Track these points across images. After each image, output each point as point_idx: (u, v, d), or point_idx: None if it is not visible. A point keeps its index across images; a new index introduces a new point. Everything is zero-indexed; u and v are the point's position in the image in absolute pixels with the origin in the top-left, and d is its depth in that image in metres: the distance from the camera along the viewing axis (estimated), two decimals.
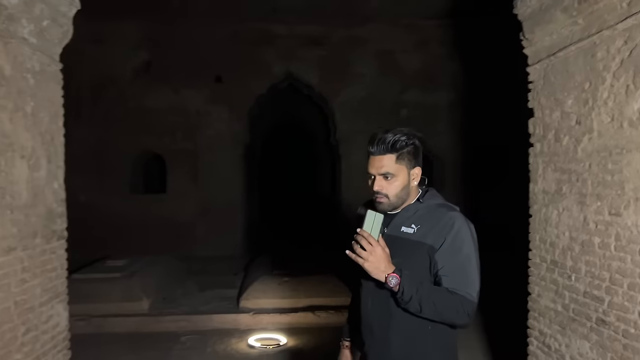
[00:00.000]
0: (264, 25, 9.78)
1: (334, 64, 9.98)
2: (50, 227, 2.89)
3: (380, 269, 1.65)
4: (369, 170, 1.83)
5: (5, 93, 2.44)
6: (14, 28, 2.52)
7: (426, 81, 10.01)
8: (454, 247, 1.77)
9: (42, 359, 2.77)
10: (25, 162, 2.62)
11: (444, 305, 1.69)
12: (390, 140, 1.79)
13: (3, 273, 2.42)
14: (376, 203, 1.83)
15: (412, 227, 1.83)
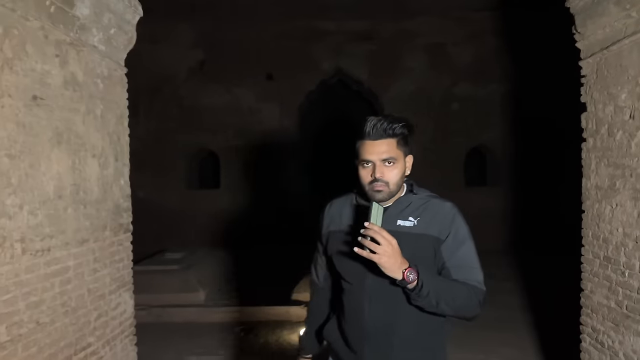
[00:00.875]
0: (313, 22, 9.88)
1: (384, 58, 9.97)
2: (118, 221, 3.12)
3: (397, 264, 1.52)
4: (366, 157, 1.68)
5: (78, 97, 2.66)
6: (85, 37, 2.73)
7: (478, 74, 9.83)
8: (458, 238, 1.72)
9: (112, 343, 3.00)
10: (95, 161, 2.84)
11: (461, 297, 1.62)
12: (390, 124, 1.68)
13: (77, 263, 2.64)
14: (373, 192, 1.68)
15: (411, 220, 1.72)
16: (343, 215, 1.86)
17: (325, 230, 1.91)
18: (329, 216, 1.91)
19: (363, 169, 1.71)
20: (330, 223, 1.89)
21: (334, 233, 1.86)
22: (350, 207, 1.86)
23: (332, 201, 1.96)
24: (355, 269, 1.72)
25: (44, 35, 2.38)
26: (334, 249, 1.83)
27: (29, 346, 2.25)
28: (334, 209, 1.91)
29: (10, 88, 2.14)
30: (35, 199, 2.30)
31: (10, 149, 2.14)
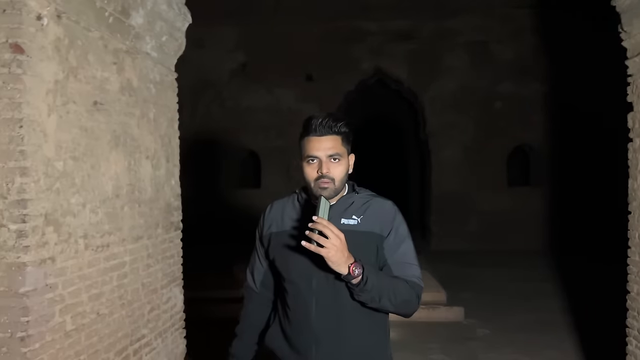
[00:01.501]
0: (354, 23, 9.94)
1: (424, 57, 9.94)
2: (169, 219, 3.27)
3: (343, 258, 1.51)
4: (311, 153, 1.66)
5: (134, 102, 2.82)
6: (140, 44, 2.89)
7: (521, 72, 9.67)
8: (399, 235, 1.74)
9: (163, 335, 3.16)
10: (149, 162, 2.99)
11: (402, 293, 1.64)
12: (335, 121, 1.68)
13: (133, 258, 2.80)
14: (319, 189, 1.66)
15: (354, 219, 1.73)
16: (285, 215, 1.83)
17: (266, 232, 1.87)
18: (269, 218, 1.87)
19: (308, 165, 1.69)
20: (271, 225, 1.85)
21: (276, 234, 1.82)
22: (292, 208, 1.84)
23: (272, 203, 1.92)
24: (301, 268, 1.71)
25: (103, 45, 2.54)
26: (277, 250, 1.80)
27: (90, 335, 2.41)
28: (275, 210, 1.87)
29: (75, 95, 2.30)
30: (96, 198, 2.46)
31: (75, 151, 2.30)
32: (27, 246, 1.99)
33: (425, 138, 10.41)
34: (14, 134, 1.98)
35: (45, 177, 2.09)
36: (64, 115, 2.22)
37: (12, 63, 1.97)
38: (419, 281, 1.71)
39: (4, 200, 1.98)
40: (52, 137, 2.14)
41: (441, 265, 8.02)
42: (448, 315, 5.77)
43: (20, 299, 1.99)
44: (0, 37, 1.98)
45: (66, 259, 2.23)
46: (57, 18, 2.18)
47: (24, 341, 1.99)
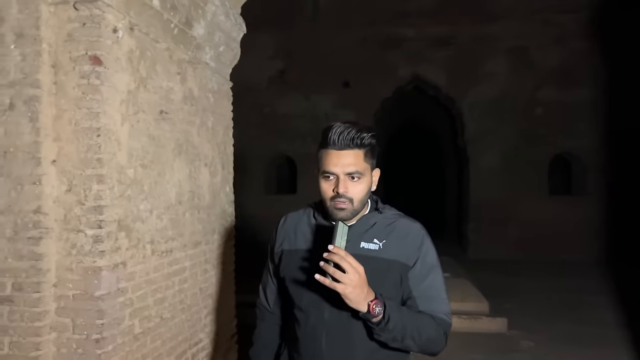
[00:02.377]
0: (392, 29, 9.95)
1: (462, 63, 9.86)
2: (224, 225, 3.33)
3: (362, 295, 1.33)
4: (329, 169, 1.48)
5: (194, 111, 2.89)
6: (200, 55, 2.96)
7: (564, 78, 9.48)
8: (426, 265, 1.54)
9: (218, 340, 3.21)
10: (207, 169, 3.06)
11: (428, 332, 1.46)
12: (358, 132, 1.47)
13: (192, 263, 2.86)
14: (335, 210, 1.48)
15: (376, 243, 1.53)
16: (298, 232, 1.65)
17: (278, 249, 1.69)
18: (282, 232, 1.70)
19: (325, 181, 1.50)
20: (283, 240, 1.68)
21: (288, 252, 1.65)
22: (307, 224, 1.65)
23: (287, 215, 1.74)
24: (312, 297, 1.54)
25: (169, 55, 2.62)
26: (287, 271, 1.63)
27: (155, 339, 2.47)
28: (288, 225, 1.70)
29: (144, 104, 2.38)
30: (161, 205, 2.53)
31: (143, 159, 2.37)
32: (103, 251, 2.06)
33: (463, 145, 10.30)
34: (91, 143, 2.05)
35: (118, 184, 2.16)
36: (134, 124, 2.29)
37: (91, 74, 2.05)
38: (447, 317, 1.53)
39: (82, 206, 2.05)
40: (125, 145, 2.22)
41: (481, 274, 7.91)
42: (491, 326, 5.68)
43: (95, 302, 2.06)
44: (80, 49, 2.06)
45: (135, 264, 2.30)
46: (130, 30, 2.26)
47: (98, 343, 2.06)
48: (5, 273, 2.03)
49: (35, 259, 2.02)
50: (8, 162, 2.03)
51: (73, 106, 2.06)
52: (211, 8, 2.90)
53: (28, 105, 2.01)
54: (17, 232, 2.03)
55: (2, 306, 2.03)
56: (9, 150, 2.03)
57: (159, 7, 2.42)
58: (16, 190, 2.03)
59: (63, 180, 2.07)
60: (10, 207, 2.03)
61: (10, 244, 2.03)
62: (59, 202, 2.07)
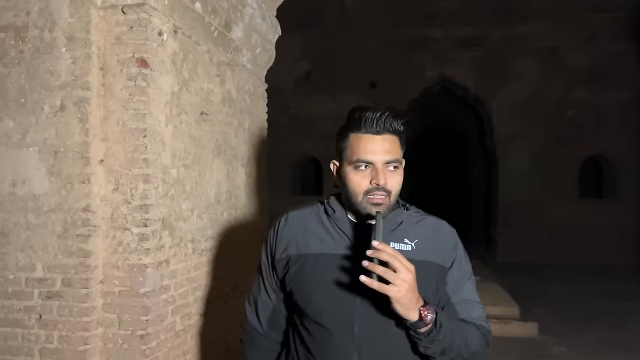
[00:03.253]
0: (419, 30, 9.91)
1: (491, 64, 9.76)
2: (257, 225, 3.37)
3: (414, 300, 1.15)
4: (364, 156, 1.26)
5: (232, 112, 2.94)
6: (237, 57, 3.01)
7: (596, 79, 9.30)
8: (462, 267, 1.38)
9: None
10: (243, 170, 3.11)
11: (474, 342, 1.30)
12: (395, 117, 1.28)
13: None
14: (370, 205, 1.27)
15: (407, 243, 1.33)
16: (309, 233, 1.38)
17: (281, 255, 1.40)
18: (285, 235, 1.41)
19: (357, 171, 1.28)
20: (288, 245, 1.39)
21: (297, 258, 1.37)
22: (319, 224, 1.39)
23: (287, 215, 1.46)
24: (337, 308, 1.30)
25: (209, 58, 2.67)
26: (298, 280, 1.36)
27: (195, 336, 2.52)
28: (293, 225, 1.42)
29: (186, 106, 2.43)
30: (202, 204, 2.58)
31: (185, 159, 2.42)
32: (148, 249, 2.12)
33: (492, 146, 10.18)
34: (138, 143, 2.11)
35: (162, 184, 2.21)
36: (178, 125, 2.35)
37: (138, 77, 2.11)
38: (487, 324, 1.37)
39: (128, 205, 2.11)
40: (169, 146, 2.27)
41: (510, 278, 7.81)
42: (521, 330, 5.61)
43: (140, 298, 2.11)
44: (127, 52, 2.12)
45: (177, 262, 2.35)
46: (174, 33, 2.31)
47: (143, 339, 2.11)
48: (56, 269, 2.10)
49: (83, 256, 2.08)
50: (58, 161, 2.10)
51: (120, 107, 2.12)
52: (249, 11, 2.95)
53: (78, 107, 2.08)
54: (66, 230, 2.09)
55: (52, 301, 2.09)
56: (60, 150, 2.10)
57: (201, 10, 2.47)
58: (66, 188, 2.09)
59: (110, 179, 2.13)
60: (61, 205, 2.09)
61: (60, 240, 2.09)
62: (106, 200, 2.13)
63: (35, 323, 2.11)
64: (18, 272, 2.12)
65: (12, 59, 2.13)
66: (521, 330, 5.58)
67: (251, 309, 1.53)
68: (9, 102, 2.13)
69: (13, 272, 2.12)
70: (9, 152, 2.13)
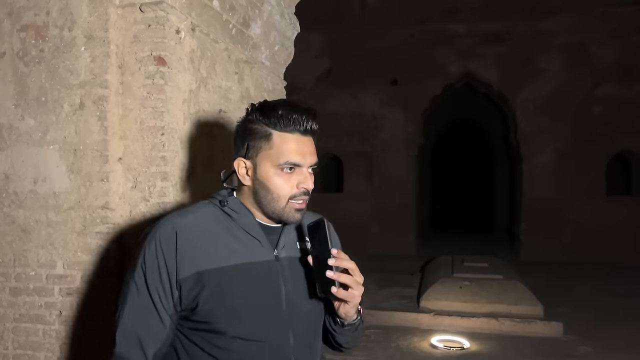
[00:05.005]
0: (442, 26, 9.80)
1: (515, 60, 9.59)
2: None
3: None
4: (293, 159, 1.19)
5: None
6: (256, 54, 3.00)
7: (624, 74, 9.07)
8: None
9: None
10: None
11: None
12: (314, 116, 1.24)
13: None
14: (293, 212, 1.22)
15: (307, 241, 1.27)
16: (219, 242, 1.22)
17: (186, 273, 1.18)
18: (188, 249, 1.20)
19: (282, 174, 1.20)
20: (193, 260, 1.19)
21: (211, 273, 1.18)
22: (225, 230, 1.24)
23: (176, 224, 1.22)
24: (269, 319, 1.22)
25: (227, 55, 2.66)
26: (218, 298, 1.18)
27: None
28: (194, 236, 1.21)
29: (204, 104, 2.43)
30: None
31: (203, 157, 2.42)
32: None
33: (516, 143, 10.02)
34: (156, 141, 2.11)
35: (180, 182, 2.22)
36: (195, 123, 2.35)
37: (156, 75, 2.11)
38: None
39: (147, 202, 2.12)
40: (186, 144, 2.27)
41: (534, 276, 7.67)
42: (545, 330, 5.51)
43: None
44: (145, 50, 2.13)
45: None
46: (191, 31, 2.31)
47: None
48: (75, 266, 2.12)
49: (102, 253, 2.10)
50: (78, 159, 2.12)
51: (138, 105, 2.13)
52: (267, 8, 2.93)
53: (97, 105, 2.09)
54: (86, 227, 2.11)
55: (72, 298, 2.12)
56: (79, 148, 2.12)
57: (219, 7, 2.46)
58: (85, 186, 2.11)
59: (129, 177, 2.14)
60: (80, 203, 2.12)
61: (80, 238, 2.12)
62: (124, 198, 2.14)
63: (55, 319, 2.13)
64: (39, 268, 2.15)
65: (32, 58, 2.16)
66: (545, 330, 5.49)
67: (130, 343, 1.21)
68: (30, 100, 2.16)
69: (34, 269, 2.16)
70: (30, 150, 2.16)
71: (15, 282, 2.18)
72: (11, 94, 2.18)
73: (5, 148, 2.19)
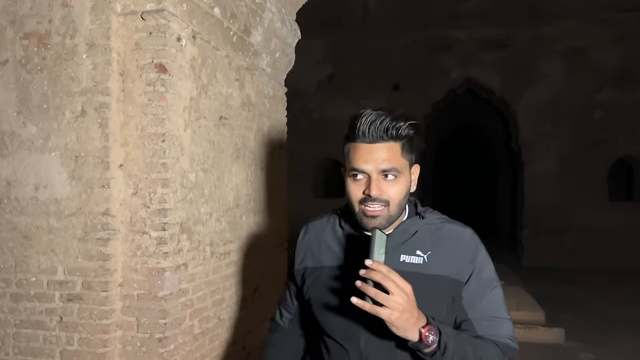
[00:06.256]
0: (443, 32, 9.81)
1: (517, 65, 9.59)
2: (277, 228, 3.38)
3: (412, 321, 1.08)
4: (359, 165, 1.21)
5: (252, 116, 2.95)
6: (257, 61, 3.02)
7: (625, 79, 9.06)
8: (483, 280, 1.27)
9: None
10: (263, 173, 3.12)
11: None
12: (394, 121, 1.21)
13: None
14: (365, 218, 1.23)
15: (419, 255, 1.26)
16: (322, 246, 1.38)
17: (299, 266, 1.42)
18: (303, 247, 1.43)
19: (353, 181, 1.24)
20: (305, 256, 1.41)
21: (312, 271, 1.38)
22: (332, 235, 1.38)
23: (307, 225, 1.47)
24: (343, 323, 1.28)
25: (228, 62, 2.68)
26: (313, 292, 1.36)
27: (213, 339, 2.53)
28: (310, 237, 1.43)
29: (205, 110, 2.44)
30: (220, 208, 2.59)
31: (204, 163, 2.43)
32: (166, 252, 2.13)
33: (517, 149, 10.00)
34: (157, 148, 2.13)
35: (181, 188, 2.23)
36: (196, 130, 2.36)
37: (157, 82, 2.13)
38: (512, 342, 1.27)
39: (147, 209, 2.13)
40: (187, 150, 2.28)
41: (535, 282, 7.65)
42: (547, 336, 5.49)
43: (158, 302, 2.12)
44: (147, 58, 2.14)
45: (196, 266, 2.36)
46: (192, 39, 2.33)
47: (161, 342, 2.12)
48: (76, 272, 2.13)
49: (103, 259, 2.11)
50: (79, 166, 2.13)
51: (140, 112, 2.14)
52: (268, 15, 2.95)
53: (98, 112, 2.11)
54: (86, 233, 2.12)
55: (73, 303, 2.13)
56: (80, 154, 2.13)
57: (220, 15, 2.48)
58: (86, 193, 2.13)
59: (129, 183, 2.15)
60: (81, 209, 2.13)
61: (80, 244, 2.13)
62: (125, 204, 2.15)
63: (56, 325, 2.14)
64: (40, 274, 2.16)
65: (35, 65, 2.17)
66: (547, 336, 5.46)
67: (278, 309, 1.59)
68: (32, 107, 2.18)
69: (35, 275, 2.17)
70: (32, 156, 2.17)
71: (17, 288, 2.19)
72: (13, 101, 2.20)
73: (7, 155, 2.20)
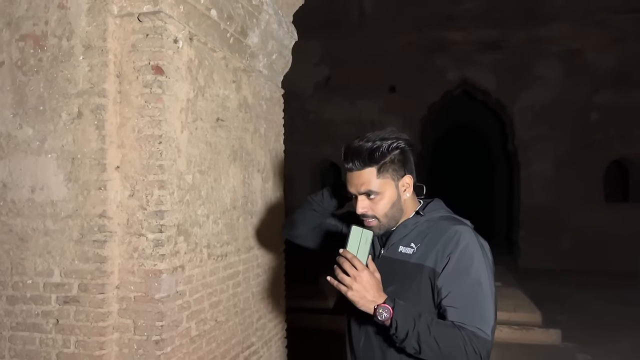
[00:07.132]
0: (439, 33, 9.85)
1: (513, 67, 9.64)
2: (274, 230, 3.37)
3: (367, 298, 1.33)
4: (349, 189, 1.52)
5: (248, 118, 2.94)
6: (254, 63, 3.02)
7: (621, 81, 9.11)
8: (459, 269, 1.40)
9: (269, 344, 3.24)
10: (260, 175, 3.11)
11: (449, 344, 1.31)
12: (368, 149, 1.45)
13: (245, 267, 2.91)
14: (367, 226, 1.51)
15: (412, 247, 1.49)
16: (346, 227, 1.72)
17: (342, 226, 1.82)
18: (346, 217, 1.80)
19: (353, 199, 1.55)
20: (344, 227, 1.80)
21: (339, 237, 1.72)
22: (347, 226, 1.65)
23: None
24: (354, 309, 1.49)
25: (225, 64, 2.68)
26: None
27: (210, 342, 2.52)
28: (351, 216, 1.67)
29: (202, 112, 2.44)
30: (217, 210, 2.58)
31: (201, 165, 2.43)
32: (163, 254, 2.12)
33: (514, 150, 10.04)
34: (153, 150, 2.12)
35: (178, 190, 2.22)
36: (193, 132, 2.36)
37: (154, 84, 2.12)
38: (482, 332, 1.34)
39: (144, 211, 2.12)
40: (184, 152, 2.28)
41: (532, 284, 7.68)
42: (543, 337, 5.51)
43: (156, 304, 2.12)
44: (143, 59, 2.14)
45: (193, 268, 2.35)
46: (189, 41, 2.32)
47: (158, 344, 2.11)
48: (72, 274, 2.12)
49: (100, 262, 2.10)
50: (76, 168, 2.13)
51: (136, 114, 2.14)
52: (265, 17, 2.95)
53: (95, 114, 2.10)
54: (83, 235, 2.11)
55: (69, 306, 2.12)
56: (77, 156, 2.12)
57: (217, 17, 2.48)
58: (83, 195, 2.12)
59: (126, 185, 2.15)
60: (78, 211, 2.12)
61: (77, 246, 2.12)
62: (122, 206, 2.15)
63: (52, 328, 2.13)
64: (36, 277, 2.15)
65: (31, 67, 2.17)
66: (543, 337, 5.48)
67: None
68: (28, 109, 2.17)
69: (31, 277, 2.16)
70: (28, 158, 2.16)
71: (12, 291, 2.18)
72: (9, 103, 2.19)
73: (3, 157, 2.20)
